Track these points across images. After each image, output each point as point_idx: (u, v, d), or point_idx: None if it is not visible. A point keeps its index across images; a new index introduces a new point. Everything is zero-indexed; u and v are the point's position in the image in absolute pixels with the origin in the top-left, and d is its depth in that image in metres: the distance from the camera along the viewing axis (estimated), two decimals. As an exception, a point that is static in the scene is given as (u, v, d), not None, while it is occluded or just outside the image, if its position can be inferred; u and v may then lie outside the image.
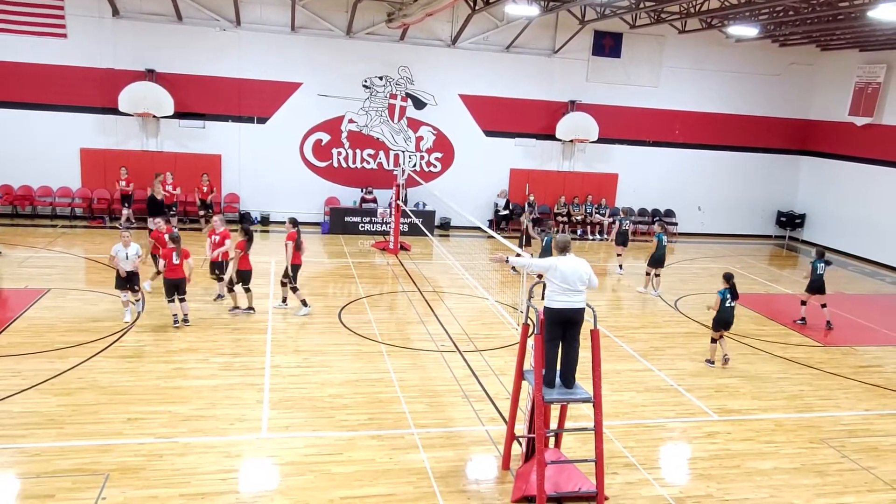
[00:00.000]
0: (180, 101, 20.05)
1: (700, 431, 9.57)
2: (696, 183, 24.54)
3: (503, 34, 22.03)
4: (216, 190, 20.73)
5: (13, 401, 8.95)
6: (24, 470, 7.46)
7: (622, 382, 11.06)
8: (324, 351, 11.52)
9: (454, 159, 22.88)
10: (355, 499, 7.37)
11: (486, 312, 14.25)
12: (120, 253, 12.03)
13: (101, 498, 7.04)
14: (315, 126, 21.68)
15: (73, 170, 20.16)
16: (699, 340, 13.42)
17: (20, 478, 7.33)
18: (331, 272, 17.09)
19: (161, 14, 19.82)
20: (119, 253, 12.04)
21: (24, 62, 19.22)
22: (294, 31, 20.82)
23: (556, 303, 7.35)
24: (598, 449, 7.34)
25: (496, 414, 9.54)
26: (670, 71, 23.57)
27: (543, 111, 22.97)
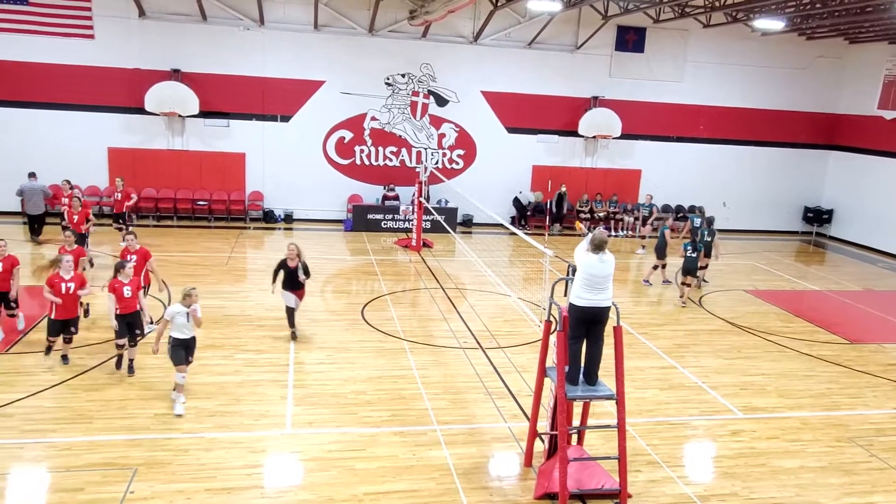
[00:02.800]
0: (205, 101, 20.28)
1: (725, 429, 9.48)
2: (721, 178, 24.25)
3: (525, 30, 21.95)
4: (136, 197, 18.41)
5: (44, 396, 9.13)
6: (55, 464, 7.62)
7: (645, 380, 10.99)
8: (347, 348, 11.60)
9: (476, 156, 22.87)
10: (378, 494, 7.42)
11: (508, 309, 14.24)
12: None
13: (130, 492, 7.17)
14: (338, 124, 21.79)
15: (101, 169, 20.49)
16: (724, 338, 13.30)
17: (51, 471, 7.49)
18: (354, 269, 17.18)
19: (186, 14, 20.05)
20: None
21: (54, 63, 19.56)
22: (317, 30, 20.94)
23: (581, 300, 7.32)
24: (621, 446, 7.31)
25: (518, 411, 9.54)
26: (694, 66, 23.31)
27: (566, 107, 22.86)
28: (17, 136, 19.80)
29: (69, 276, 9.89)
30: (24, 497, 7.08)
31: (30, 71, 19.49)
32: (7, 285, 10.69)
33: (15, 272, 10.79)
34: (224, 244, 18.64)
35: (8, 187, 19.60)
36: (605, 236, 7.47)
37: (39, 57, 19.48)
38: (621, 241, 22.50)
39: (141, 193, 20.70)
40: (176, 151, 20.95)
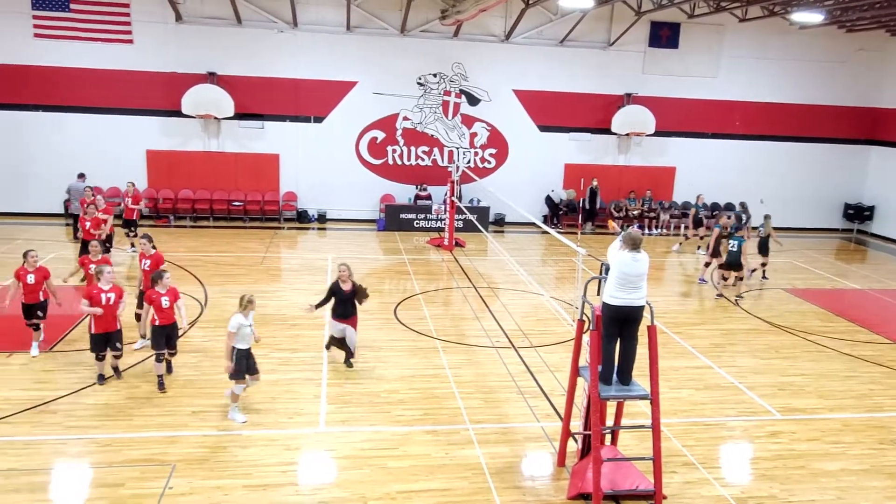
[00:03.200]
0: (240, 103, 20.57)
1: (763, 431, 9.32)
2: (758, 175, 23.80)
3: (557, 28, 21.83)
4: (145, 201, 18.45)
5: (86, 393, 9.36)
6: (96, 459, 7.81)
7: (680, 379, 10.86)
8: (380, 347, 11.67)
9: (508, 155, 22.81)
10: (411, 493, 7.46)
11: (540, 308, 14.18)
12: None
13: (168, 487, 7.31)
14: (370, 124, 21.92)
15: (140, 171, 20.91)
16: (762, 337, 13.07)
17: (92, 466, 7.68)
18: (386, 269, 17.28)
19: (221, 18, 20.36)
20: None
21: (94, 68, 20.04)
22: (349, 31, 21.09)
23: (614, 299, 7.26)
24: (656, 447, 7.23)
25: (551, 410, 9.50)
26: (730, 60, 22.94)
27: (598, 105, 22.67)
28: (59, 139, 20.33)
29: (109, 287, 9.52)
30: (68, 491, 7.27)
31: (71, 76, 20.00)
32: (37, 297, 10.46)
33: (47, 284, 10.54)
34: (259, 244, 18.89)
35: (52, 190, 20.20)
36: (639, 235, 7.41)
37: (81, 62, 19.96)
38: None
39: (178, 195, 21.13)
40: (211, 153, 21.30)
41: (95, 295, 9.38)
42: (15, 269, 10.43)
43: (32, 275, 10.37)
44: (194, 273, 15.46)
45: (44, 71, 19.84)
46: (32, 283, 10.36)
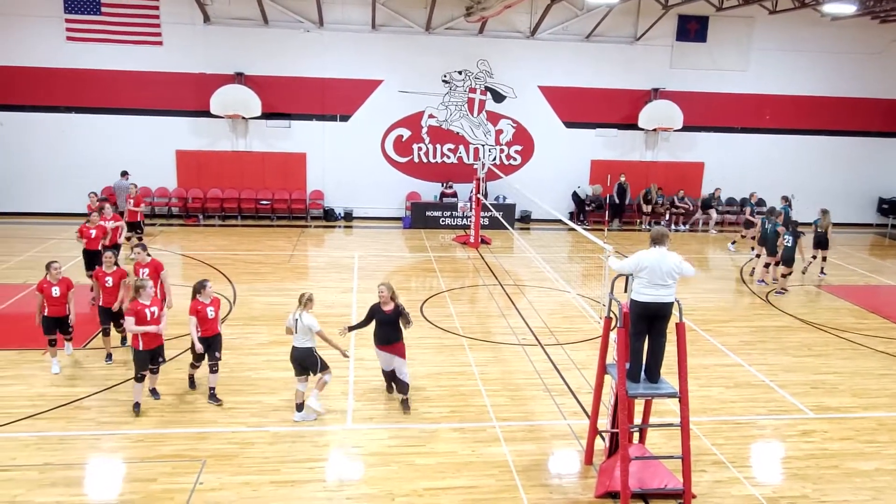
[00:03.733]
0: (267, 102, 20.76)
1: (794, 429, 9.17)
2: (789, 170, 23.38)
3: (583, 23, 21.67)
4: (143, 206, 17.36)
5: (118, 390, 9.52)
6: (129, 455, 7.95)
7: (709, 377, 10.73)
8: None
9: (534, 152, 22.72)
10: (438, 490, 7.47)
11: (567, 306, 14.11)
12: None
13: (199, 483, 7.42)
14: (396, 122, 21.98)
15: (170, 171, 21.22)
16: (793, 335, 12.86)
17: (125, 462, 7.82)
18: (412, 266, 17.31)
19: (249, 19, 20.55)
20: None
21: (124, 70, 20.36)
22: (375, 30, 21.16)
23: (642, 296, 7.20)
24: (685, 445, 7.16)
25: (578, 408, 9.45)
26: (760, 53, 22.57)
27: (625, 100, 22.47)
28: (91, 140, 20.70)
29: (150, 302, 8.88)
30: (102, 486, 7.41)
31: (102, 78, 20.34)
32: (64, 309, 9.98)
33: (70, 295, 10.04)
34: (286, 242, 19.06)
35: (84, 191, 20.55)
36: (664, 230, 7.38)
37: (112, 65, 20.30)
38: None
39: (207, 194, 21.39)
40: (239, 153, 21.53)
41: (141, 311, 8.72)
42: (38, 282, 9.90)
43: (57, 287, 9.81)
44: (223, 271, 15.65)
45: (76, 73, 20.22)
46: (58, 296, 9.83)
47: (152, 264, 10.78)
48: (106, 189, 20.89)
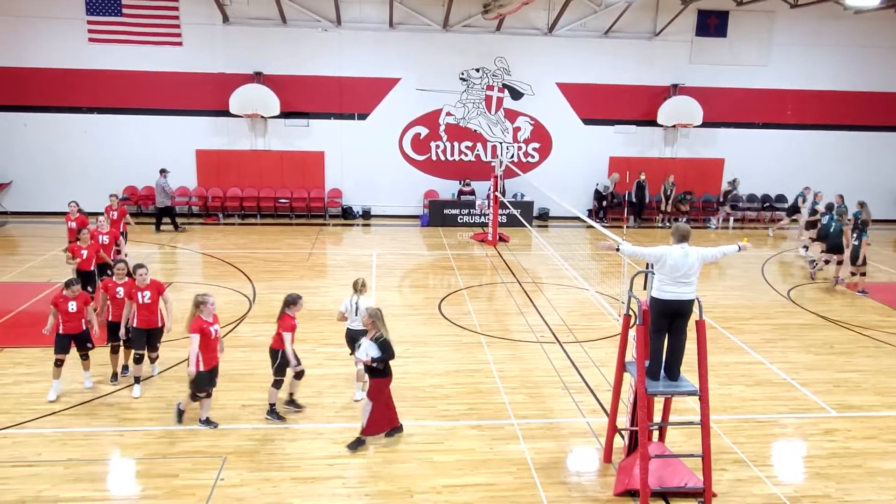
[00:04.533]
0: (286, 101, 20.88)
1: (817, 428, 9.07)
2: (811, 165, 23.10)
3: (601, 19, 21.55)
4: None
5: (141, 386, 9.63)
6: (151, 451, 8.05)
7: (730, 375, 10.64)
8: (424, 341, 11.73)
9: (552, 149, 22.65)
10: (457, 487, 7.49)
11: (586, 303, 14.06)
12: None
13: (220, 479, 7.50)
14: (414, 120, 22.01)
15: (190, 170, 21.41)
16: (816, 332, 12.72)
17: (148, 458, 7.91)
18: (431, 264, 17.34)
19: (267, 18, 20.68)
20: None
21: (145, 70, 20.58)
22: (392, 28, 21.19)
23: (664, 293, 7.16)
24: (705, 444, 7.11)
25: (597, 406, 9.42)
26: (781, 48, 22.32)
27: (644, 96, 22.32)
28: (112, 140, 20.94)
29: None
30: (125, 481, 7.52)
31: (123, 79, 20.56)
32: (80, 326, 9.22)
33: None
34: (305, 241, 19.17)
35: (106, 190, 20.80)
36: (688, 228, 7.35)
37: (132, 65, 20.52)
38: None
39: (226, 193, 21.55)
40: (258, 151, 21.68)
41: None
42: (52, 298, 9.26)
43: (74, 302, 9.11)
44: (242, 269, 15.77)
45: (97, 74, 20.46)
46: (74, 312, 9.14)
47: (153, 285, 9.47)
48: (129, 188, 21.17)
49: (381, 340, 7.91)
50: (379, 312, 8.15)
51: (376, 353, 7.85)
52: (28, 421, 8.63)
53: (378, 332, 7.99)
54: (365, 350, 7.91)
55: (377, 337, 7.96)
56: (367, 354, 7.85)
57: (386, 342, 7.91)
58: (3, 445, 8.05)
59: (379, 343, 7.90)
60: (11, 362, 10.36)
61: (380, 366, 7.95)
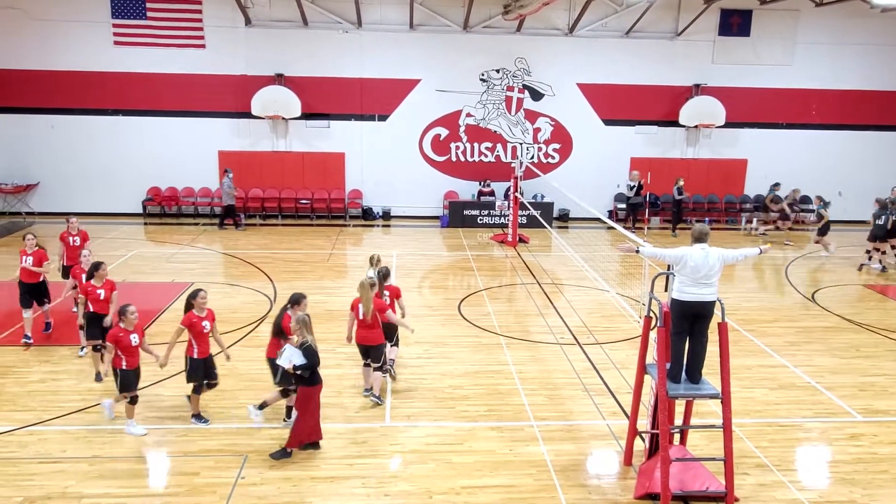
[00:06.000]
0: (306, 103, 21.00)
1: (842, 433, 8.94)
2: (836, 166, 22.80)
3: (623, 19, 21.43)
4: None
5: (164, 385, 9.75)
6: (174, 449, 8.14)
7: (753, 379, 10.52)
8: (444, 342, 11.73)
9: (572, 150, 22.55)
10: (476, 488, 7.48)
11: (606, 305, 13.98)
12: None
13: (241, 477, 7.56)
14: (434, 121, 22.04)
15: (212, 171, 21.62)
16: (841, 335, 12.53)
17: (170, 455, 8.01)
18: (450, 265, 17.35)
19: (289, 21, 20.83)
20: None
21: (168, 73, 20.81)
22: (412, 29, 21.24)
23: (685, 295, 7.11)
24: (727, 447, 7.05)
25: (617, 408, 9.36)
26: (806, 47, 22.04)
27: (665, 96, 22.16)
28: (137, 142, 21.19)
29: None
30: (148, 478, 7.60)
31: (148, 81, 20.81)
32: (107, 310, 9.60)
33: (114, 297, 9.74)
34: (325, 241, 19.27)
35: (131, 191, 21.20)
36: (706, 228, 7.31)
37: (157, 68, 20.77)
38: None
39: (248, 194, 21.73)
40: (280, 153, 21.83)
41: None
42: (82, 286, 9.81)
43: (102, 290, 9.72)
44: (264, 270, 15.89)
45: (122, 77, 20.73)
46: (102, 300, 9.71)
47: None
48: (153, 189, 21.43)
49: (305, 346, 7.61)
50: (307, 318, 7.86)
51: (300, 361, 7.55)
52: (54, 418, 8.77)
53: (304, 339, 7.69)
54: (288, 357, 7.56)
55: (302, 343, 7.66)
56: (289, 361, 7.54)
57: (310, 349, 7.61)
58: (30, 442, 8.18)
59: (303, 349, 7.60)
60: (38, 360, 10.53)
61: (305, 373, 7.66)
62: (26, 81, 20.52)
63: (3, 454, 7.90)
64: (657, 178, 21.92)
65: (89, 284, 9.77)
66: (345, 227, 21.38)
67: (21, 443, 8.16)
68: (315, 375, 7.81)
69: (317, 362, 7.71)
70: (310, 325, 7.87)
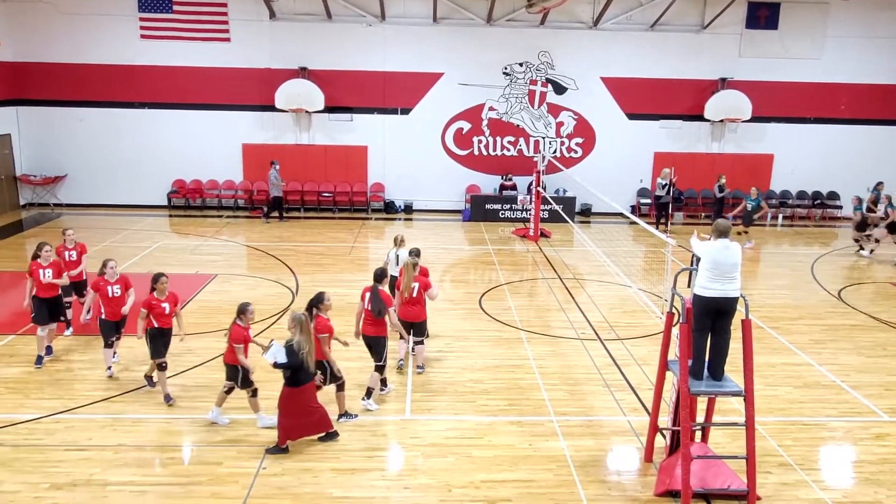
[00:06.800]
0: (330, 96, 21.08)
1: (867, 432, 8.81)
2: (865, 161, 22.38)
3: (648, 12, 21.21)
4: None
5: (187, 376, 9.88)
6: (197, 438, 8.25)
7: (777, 376, 10.40)
8: (465, 336, 11.74)
9: (595, 144, 22.40)
10: (495, 483, 7.49)
11: (628, 300, 13.90)
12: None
13: (263, 468, 7.64)
14: (456, 115, 22.01)
15: (236, 164, 21.81)
16: (867, 334, 12.34)
17: (193, 445, 8.12)
18: (471, 259, 17.34)
19: (313, 14, 20.91)
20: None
21: (193, 66, 21.00)
22: (436, 23, 21.21)
23: (707, 290, 7.04)
24: (750, 445, 6.98)
25: (638, 404, 9.31)
26: (835, 40, 21.65)
27: (690, 90, 21.91)
28: (162, 134, 21.44)
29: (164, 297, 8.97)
30: (172, 467, 7.71)
31: (173, 74, 21.03)
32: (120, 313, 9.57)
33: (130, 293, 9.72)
34: (347, 234, 19.35)
35: (159, 185, 21.48)
36: (728, 224, 7.28)
37: (182, 61, 20.98)
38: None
39: (271, 187, 21.87)
40: (303, 146, 21.94)
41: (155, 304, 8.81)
42: (93, 281, 9.65)
43: (114, 286, 9.57)
44: (286, 262, 16.01)
45: (148, 70, 20.96)
46: (117, 297, 9.59)
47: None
48: (178, 182, 21.67)
49: (289, 346, 7.58)
50: (303, 318, 7.77)
51: (283, 359, 7.54)
52: (80, 406, 8.93)
53: (293, 338, 7.65)
54: (273, 353, 7.56)
55: (288, 341, 7.65)
56: (273, 357, 7.55)
57: (293, 349, 7.55)
58: (57, 430, 8.34)
59: (287, 348, 7.57)
60: (65, 350, 10.71)
61: (286, 373, 7.67)
62: (55, 75, 20.85)
63: (30, 441, 8.07)
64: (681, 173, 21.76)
65: (152, 297, 8.96)
66: (367, 220, 21.45)
67: (48, 430, 8.33)
68: (297, 377, 7.68)
69: (297, 364, 7.61)
70: (305, 326, 7.74)
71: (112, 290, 9.58)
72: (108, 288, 9.57)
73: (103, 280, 9.59)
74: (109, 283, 9.58)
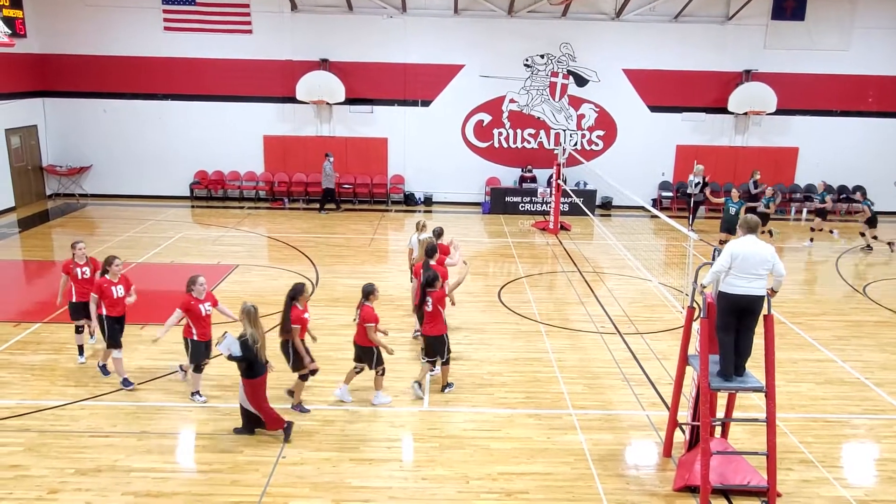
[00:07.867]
0: (350, 88, 21.13)
1: (891, 430, 8.70)
2: (892, 155, 22.00)
3: (671, 3, 20.96)
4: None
5: (208, 365, 9.95)
6: (218, 427, 8.35)
7: (798, 373, 10.29)
8: (483, 329, 11.75)
9: (616, 137, 22.23)
10: (513, 475, 7.50)
11: (648, 294, 13.81)
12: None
13: (282, 457, 7.72)
14: (477, 107, 21.95)
15: (257, 156, 21.95)
16: (892, 330, 12.17)
17: (214, 433, 8.22)
18: (491, 252, 17.32)
19: (334, 6, 20.94)
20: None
21: (216, 58, 21.15)
22: (457, 14, 21.14)
23: (733, 288, 6.89)
24: (771, 442, 6.92)
25: (658, 399, 9.27)
26: (863, 32, 21.25)
27: (714, 83, 21.65)
28: (184, 126, 21.63)
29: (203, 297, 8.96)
30: (193, 455, 7.83)
31: (196, 66, 21.19)
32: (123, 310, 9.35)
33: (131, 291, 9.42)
34: (367, 226, 19.41)
35: (178, 174, 21.68)
36: (756, 219, 7.18)
37: (205, 53, 21.12)
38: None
39: (292, 178, 22.01)
40: (323, 138, 22.02)
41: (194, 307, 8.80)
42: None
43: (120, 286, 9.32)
44: (306, 253, 16.11)
45: (171, 62, 21.14)
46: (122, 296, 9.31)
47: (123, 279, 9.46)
48: (200, 173, 21.86)
49: (242, 339, 7.62)
50: (252, 310, 7.76)
51: (237, 352, 7.62)
52: (105, 394, 9.07)
53: (246, 331, 7.67)
54: (227, 345, 7.62)
55: (241, 335, 7.67)
56: (227, 349, 7.62)
57: (247, 342, 7.60)
58: (82, 416, 8.49)
59: (241, 341, 7.62)
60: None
61: (241, 365, 7.75)
62: (80, 66, 21.09)
63: (56, 427, 8.22)
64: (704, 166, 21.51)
65: (104, 280, 8.99)
66: (387, 212, 21.50)
67: (73, 416, 8.48)
68: (253, 368, 7.75)
69: (252, 356, 7.65)
70: (254, 318, 7.73)
71: (115, 290, 9.30)
72: (112, 288, 9.26)
73: (107, 281, 9.26)
74: (113, 284, 9.26)
